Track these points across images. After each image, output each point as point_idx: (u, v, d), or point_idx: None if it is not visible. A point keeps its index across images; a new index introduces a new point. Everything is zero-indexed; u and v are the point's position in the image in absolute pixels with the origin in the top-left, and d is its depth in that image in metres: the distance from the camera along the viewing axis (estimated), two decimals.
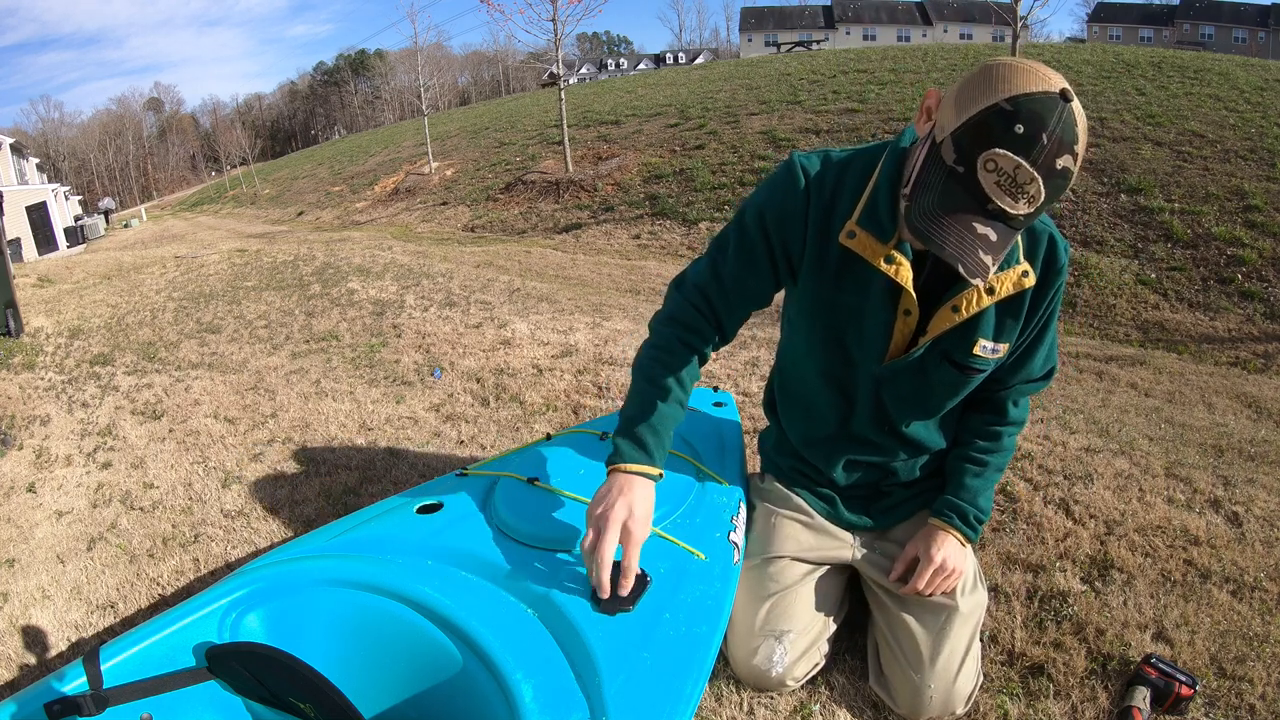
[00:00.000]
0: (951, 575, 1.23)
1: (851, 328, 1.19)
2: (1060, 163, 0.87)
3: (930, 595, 1.24)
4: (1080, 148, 0.88)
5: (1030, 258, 1.12)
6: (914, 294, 1.11)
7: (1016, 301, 1.14)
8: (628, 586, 1.08)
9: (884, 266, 1.09)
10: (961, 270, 0.91)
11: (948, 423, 1.31)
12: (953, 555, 1.23)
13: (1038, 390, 1.29)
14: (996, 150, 0.87)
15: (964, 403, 1.30)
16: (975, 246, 0.90)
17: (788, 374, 1.38)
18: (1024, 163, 0.86)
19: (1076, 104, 0.87)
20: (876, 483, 1.35)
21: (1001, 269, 1.10)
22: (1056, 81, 0.87)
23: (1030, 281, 1.11)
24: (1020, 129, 0.86)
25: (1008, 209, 0.89)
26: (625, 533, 1.08)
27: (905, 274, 1.10)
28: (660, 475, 1.17)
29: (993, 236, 0.91)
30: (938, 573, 1.22)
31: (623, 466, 1.15)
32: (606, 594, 1.07)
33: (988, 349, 1.16)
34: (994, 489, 1.30)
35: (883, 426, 1.28)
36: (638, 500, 1.11)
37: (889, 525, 1.37)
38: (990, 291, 1.10)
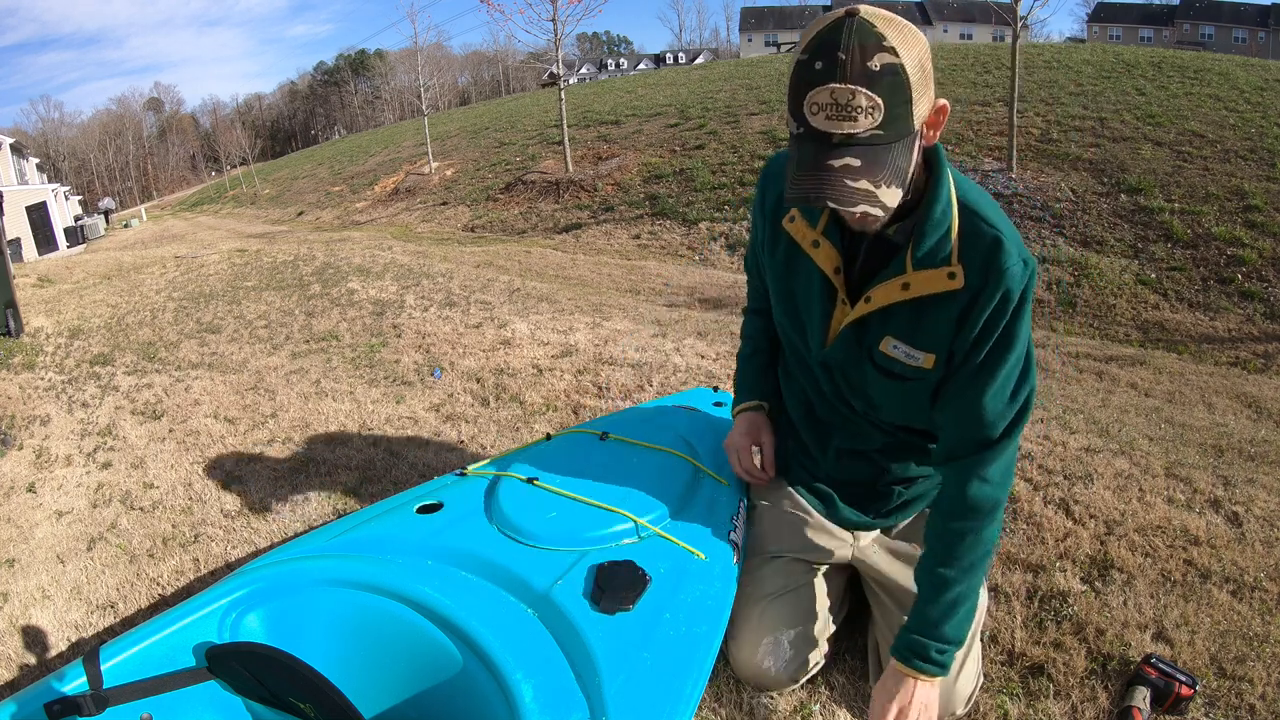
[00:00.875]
0: (924, 715, 1.09)
1: (802, 313, 1.23)
2: (875, 63, 0.86)
3: None
4: (895, 43, 0.87)
5: (964, 259, 1.02)
6: (834, 280, 1.13)
7: (941, 304, 1.05)
8: (769, 468, 1.38)
9: (810, 250, 1.15)
10: (835, 206, 0.91)
11: (921, 436, 1.26)
12: (919, 698, 1.08)
13: (994, 457, 1.08)
14: (809, 92, 0.88)
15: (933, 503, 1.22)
16: (840, 178, 0.90)
17: (783, 357, 1.42)
18: (835, 84, 0.87)
19: (867, 11, 0.88)
20: (872, 481, 1.35)
21: (923, 266, 1.04)
22: (843, 11, 0.88)
23: (957, 284, 1.02)
24: (819, 64, 0.87)
25: (851, 130, 0.88)
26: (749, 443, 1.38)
27: (828, 260, 1.13)
28: (758, 404, 1.42)
29: (855, 163, 0.90)
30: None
31: (734, 411, 1.45)
32: (766, 479, 1.39)
33: (899, 350, 1.09)
34: (968, 608, 1.11)
35: (851, 410, 1.26)
36: (748, 425, 1.40)
37: (888, 525, 1.37)
38: (905, 288, 1.05)
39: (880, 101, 0.87)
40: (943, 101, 0.95)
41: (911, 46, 0.88)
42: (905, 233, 1.07)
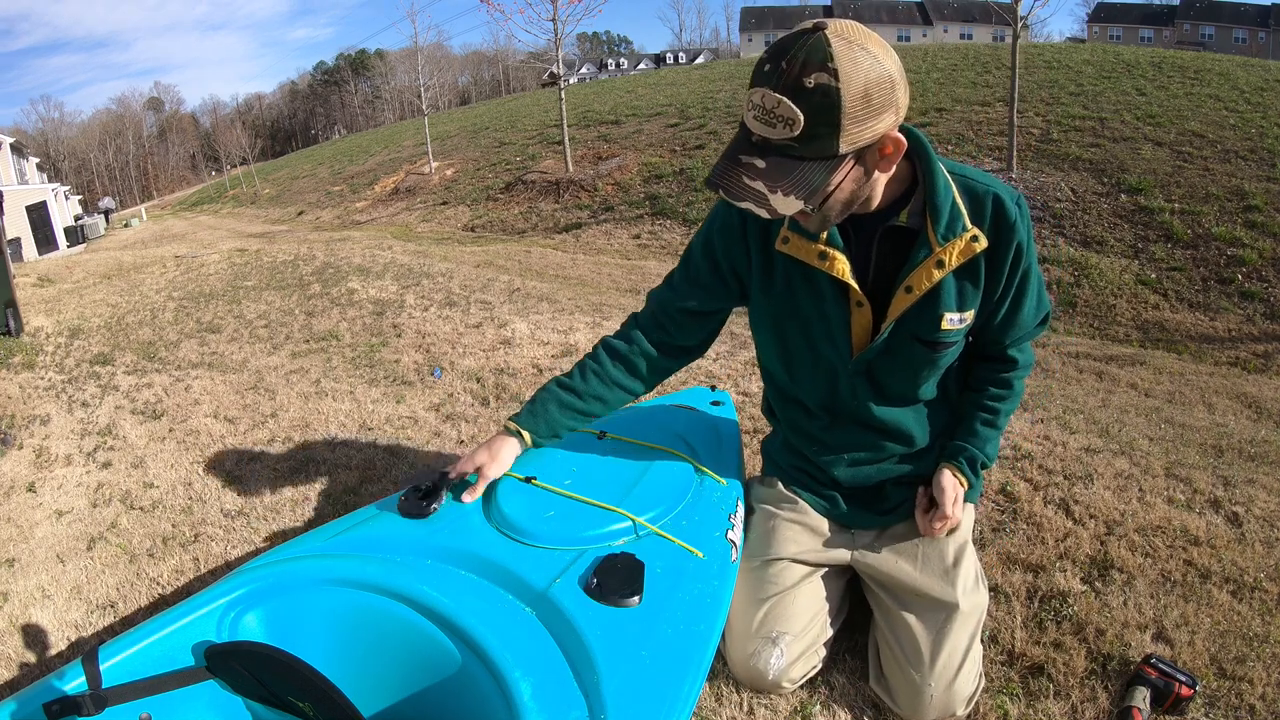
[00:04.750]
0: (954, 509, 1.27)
1: (814, 330, 1.24)
2: (810, 80, 0.89)
3: (936, 530, 1.28)
4: (843, 66, 0.89)
5: (977, 221, 1.13)
6: (854, 283, 1.15)
7: (971, 268, 1.15)
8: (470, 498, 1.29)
9: (819, 264, 1.16)
10: (724, 195, 0.98)
11: (935, 410, 1.32)
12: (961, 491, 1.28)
13: (1038, 335, 1.31)
14: (750, 90, 0.95)
15: (969, 356, 1.33)
16: (739, 174, 0.97)
17: (774, 380, 1.40)
18: (768, 90, 0.92)
19: (834, 29, 0.90)
20: (879, 485, 1.35)
21: (948, 239, 1.11)
22: (812, 24, 0.92)
23: (980, 246, 1.13)
24: (767, 66, 0.93)
25: (766, 135, 0.95)
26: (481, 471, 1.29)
27: (841, 267, 1.15)
28: (527, 441, 1.33)
29: (760, 164, 0.96)
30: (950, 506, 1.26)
31: (505, 424, 1.35)
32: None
33: (954, 320, 1.18)
34: (1002, 435, 1.33)
35: (870, 420, 1.29)
36: (495, 447, 1.31)
37: (889, 525, 1.37)
38: (940, 265, 1.12)
39: (801, 117, 0.91)
40: (898, 136, 0.98)
41: (861, 75, 0.90)
42: (918, 215, 1.13)
